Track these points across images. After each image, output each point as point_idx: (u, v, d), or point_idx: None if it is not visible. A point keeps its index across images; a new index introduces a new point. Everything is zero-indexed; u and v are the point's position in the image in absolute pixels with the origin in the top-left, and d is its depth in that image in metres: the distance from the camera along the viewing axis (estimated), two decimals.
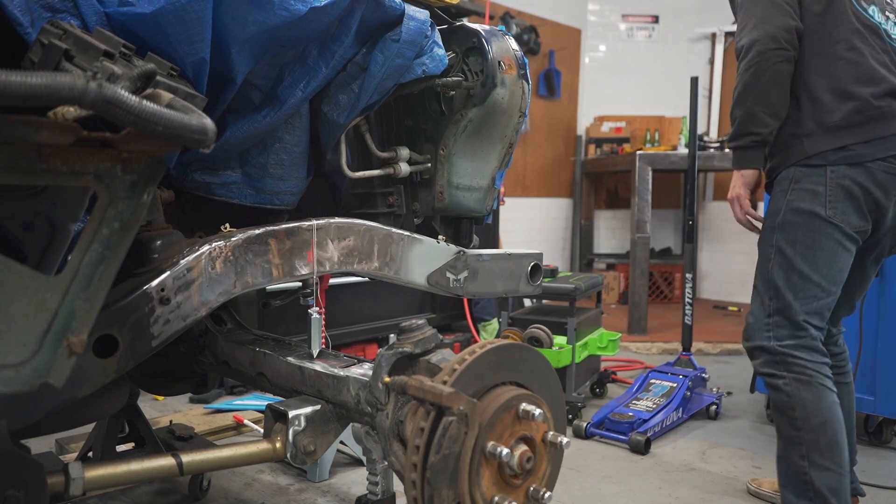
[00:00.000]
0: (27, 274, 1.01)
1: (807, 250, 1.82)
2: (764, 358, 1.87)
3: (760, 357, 1.88)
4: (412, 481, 1.07)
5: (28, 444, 1.31)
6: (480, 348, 1.13)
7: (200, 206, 1.62)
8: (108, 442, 2.04)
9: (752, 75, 1.82)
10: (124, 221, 1.06)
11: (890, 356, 2.75)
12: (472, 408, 1.06)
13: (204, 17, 1.27)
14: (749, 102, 1.85)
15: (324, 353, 1.52)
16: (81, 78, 0.86)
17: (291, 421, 1.32)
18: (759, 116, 1.84)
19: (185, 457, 1.32)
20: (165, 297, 1.25)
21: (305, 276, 1.49)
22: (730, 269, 6.61)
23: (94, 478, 1.21)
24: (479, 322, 4.34)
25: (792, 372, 1.81)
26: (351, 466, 2.55)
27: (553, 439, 1.15)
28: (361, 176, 1.79)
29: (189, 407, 3.17)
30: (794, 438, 1.80)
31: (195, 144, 1.01)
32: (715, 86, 6.82)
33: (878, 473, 2.59)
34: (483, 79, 1.73)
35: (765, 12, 1.81)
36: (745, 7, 1.87)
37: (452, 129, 1.79)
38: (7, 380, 1.01)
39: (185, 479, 2.25)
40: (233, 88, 1.43)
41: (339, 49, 1.55)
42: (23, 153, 0.96)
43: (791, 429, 1.81)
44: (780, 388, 1.82)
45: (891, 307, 2.75)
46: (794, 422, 1.80)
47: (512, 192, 5.98)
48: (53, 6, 1.20)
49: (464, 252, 1.76)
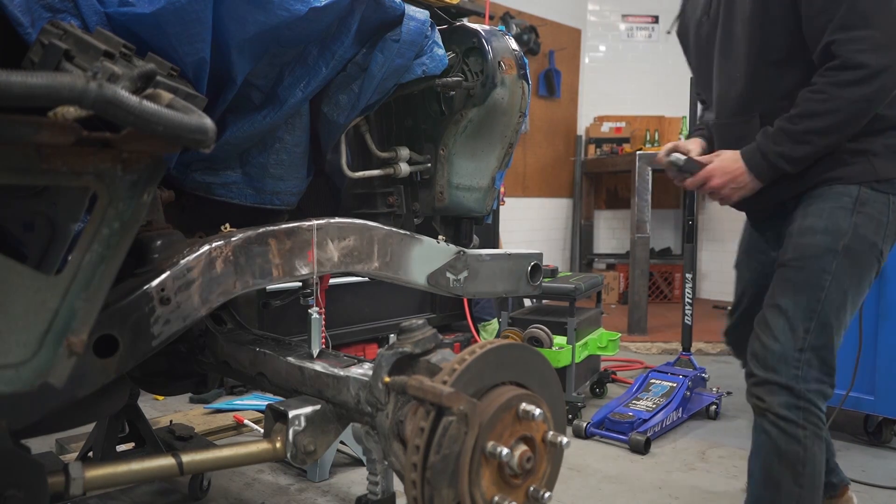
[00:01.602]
0: (27, 274, 1.01)
1: (861, 286, 1.56)
2: (786, 399, 1.52)
3: (781, 396, 1.52)
4: (412, 481, 1.07)
5: (28, 444, 1.31)
6: (480, 348, 1.13)
7: (200, 206, 1.63)
8: (108, 442, 2.04)
9: (864, 110, 1.46)
10: (124, 221, 1.06)
11: (889, 356, 2.75)
12: (472, 408, 1.06)
13: (204, 17, 1.27)
14: (843, 135, 1.50)
15: (324, 353, 1.52)
16: (81, 78, 0.86)
17: (291, 421, 1.32)
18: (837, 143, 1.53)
19: (185, 457, 1.32)
20: (165, 297, 1.25)
21: (305, 276, 1.49)
22: (730, 269, 6.58)
23: (94, 478, 1.21)
24: (479, 322, 4.34)
25: (811, 424, 1.52)
26: (351, 466, 2.55)
27: (553, 439, 1.15)
28: (361, 176, 1.79)
29: (189, 407, 3.17)
30: (793, 495, 1.54)
31: (195, 144, 1.01)
32: None
33: (879, 473, 2.59)
34: (483, 79, 1.73)
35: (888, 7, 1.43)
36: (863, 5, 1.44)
37: (452, 129, 1.80)
38: (7, 380, 1.01)
39: (185, 479, 2.25)
40: (233, 88, 1.43)
41: (339, 49, 1.55)
42: (23, 153, 0.96)
43: (794, 484, 1.53)
44: (798, 439, 1.52)
45: (890, 307, 2.75)
46: (800, 478, 1.53)
47: (512, 192, 5.98)
48: (54, 6, 1.20)
49: (464, 252, 1.76)
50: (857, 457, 2.76)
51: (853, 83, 1.43)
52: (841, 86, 1.44)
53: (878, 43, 1.40)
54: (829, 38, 1.44)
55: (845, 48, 1.43)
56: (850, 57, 1.42)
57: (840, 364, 1.59)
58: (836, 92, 1.44)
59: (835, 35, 1.43)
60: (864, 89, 1.43)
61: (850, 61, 1.42)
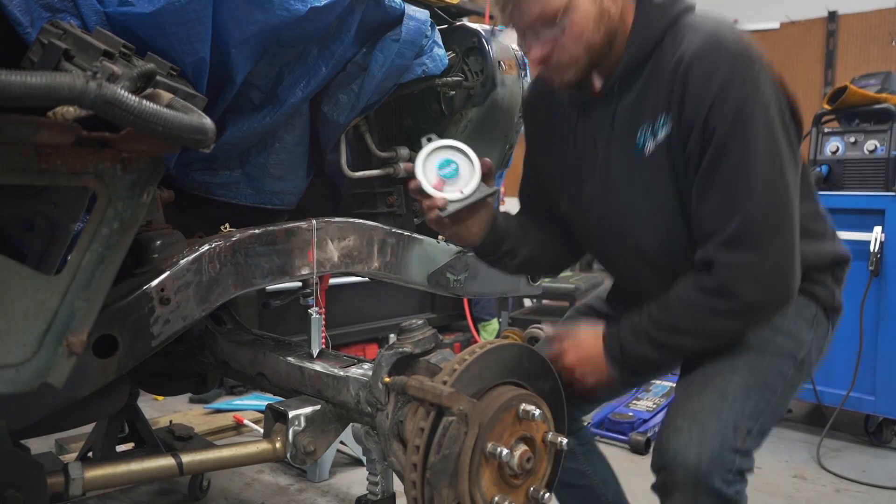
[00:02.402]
0: (27, 274, 1.01)
1: (785, 407, 1.37)
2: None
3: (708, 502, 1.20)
4: (412, 481, 1.07)
5: (28, 444, 1.31)
6: (480, 348, 1.13)
7: (200, 206, 1.62)
8: (107, 442, 2.04)
9: (729, 339, 1.28)
10: (124, 221, 1.06)
11: (890, 356, 2.75)
12: (472, 408, 1.06)
13: (204, 16, 1.27)
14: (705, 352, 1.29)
15: (324, 353, 1.52)
16: (81, 78, 0.86)
17: (291, 421, 1.32)
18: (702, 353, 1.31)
19: (184, 457, 1.32)
20: (165, 297, 1.25)
21: (305, 276, 1.49)
22: None
23: (93, 478, 1.21)
24: (479, 322, 4.33)
25: None
26: (351, 466, 2.54)
27: (553, 439, 1.15)
28: (361, 176, 1.79)
29: (189, 407, 3.17)
30: None
31: (195, 144, 1.01)
32: None
33: (879, 473, 2.58)
34: (483, 79, 1.73)
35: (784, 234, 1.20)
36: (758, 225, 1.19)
37: (452, 129, 1.80)
38: (7, 380, 1.01)
39: (185, 479, 2.25)
40: (233, 88, 1.43)
41: (339, 49, 1.55)
42: (23, 153, 0.96)
43: None
44: None
45: (890, 307, 2.75)
46: None
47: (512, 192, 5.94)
48: (53, 6, 1.20)
49: (464, 252, 1.76)
50: (857, 457, 2.76)
51: (725, 314, 1.22)
52: (712, 314, 1.23)
53: (761, 274, 1.20)
54: (713, 254, 1.21)
55: (726, 271, 1.20)
56: (727, 283, 1.20)
57: (840, 364, 1.57)
58: (704, 318, 1.24)
59: (718, 253, 1.20)
60: (734, 324, 1.25)
61: (726, 288, 1.20)
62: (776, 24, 6.50)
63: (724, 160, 1.17)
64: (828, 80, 6.24)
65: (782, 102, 1.21)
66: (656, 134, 1.24)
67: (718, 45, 1.17)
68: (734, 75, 1.15)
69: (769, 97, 1.17)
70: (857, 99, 3.03)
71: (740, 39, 1.19)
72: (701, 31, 1.20)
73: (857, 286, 2.77)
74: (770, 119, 1.17)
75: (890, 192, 2.77)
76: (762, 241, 1.19)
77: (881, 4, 6.02)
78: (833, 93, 3.11)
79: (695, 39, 1.19)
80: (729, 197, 1.18)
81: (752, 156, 1.16)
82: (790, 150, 1.21)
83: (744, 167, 1.16)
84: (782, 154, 1.19)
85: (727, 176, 1.17)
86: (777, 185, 1.19)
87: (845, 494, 2.43)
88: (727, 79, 1.15)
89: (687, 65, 1.17)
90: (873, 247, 2.71)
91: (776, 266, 1.21)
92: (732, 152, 1.16)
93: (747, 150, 1.16)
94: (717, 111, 1.15)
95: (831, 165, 2.99)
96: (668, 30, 1.23)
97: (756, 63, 1.17)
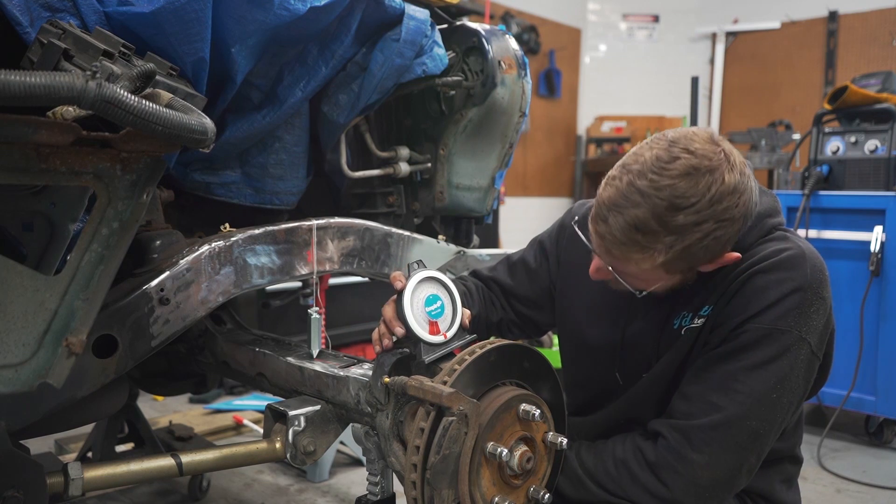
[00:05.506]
0: (27, 274, 1.01)
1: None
2: None
3: None
4: (412, 482, 1.07)
5: (28, 444, 1.31)
6: (480, 348, 1.13)
7: (200, 206, 1.62)
8: (107, 442, 2.04)
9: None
10: (124, 221, 1.05)
11: (890, 356, 2.75)
12: (472, 408, 1.05)
13: (203, 16, 1.27)
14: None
15: (324, 353, 1.52)
16: (80, 78, 0.86)
17: (291, 421, 1.32)
18: None
19: (184, 457, 1.31)
20: (165, 298, 1.25)
21: (305, 276, 1.49)
22: None
23: (93, 478, 1.21)
24: None
25: None
26: (351, 466, 2.54)
27: (553, 440, 1.15)
28: (361, 176, 1.79)
29: (189, 407, 3.17)
30: None
31: (195, 144, 1.01)
32: (715, 86, 6.82)
33: (879, 474, 2.59)
34: (483, 78, 1.73)
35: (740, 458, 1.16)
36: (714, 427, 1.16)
37: (452, 128, 1.79)
38: (6, 380, 1.01)
39: (185, 479, 2.25)
40: (232, 88, 1.43)
41: (339, 49, 1.55)
42: (22, 153, 0.96)
43: None
44: None
45: (891, 307, 2.75)
46: None
47: (512, 192, 5.97)
48: (53, 6, 1.20)
49: (464, 252, 1.76)
50: (858, 457, 2.76)
51: (645, 491, 1.19)
52: (634, 483, 1.20)
53: (698, 479, 1.16)
54: (668, 432, 1.19)
55: (669, 456, 1.17)
56: (663, 466, 1.18)
57: (841, 364, 1.57)
58: (628, 484, 1.21)
59: (673, 434, 1.18)
60: (651, 502, 1.20)
61: (660, 470, 1.18)
62: (777, 23, 6.51)
63: (737, 360, 1.16)
64: (828, 80, 6.24)
65: (824, 339, 1.20)
66: (695, 320, 1.23)
67: (794, 266, 1.17)
68: (792, 301, 1.15)
69: (813, 336, 1.16)
70: (858, 99, 3.03)
71: (816, 270, 1.18)
72: (786, 246, 1.19)
73: (858, 286, 2.77)
74: (798, 357, 1.16)
75: (890, 192, 2.77)
76: (719, 452, 1.15)
77: (882, 4, 6.02)
78: (834, 92, 3.11)
79: (776, 252, 1.18)
80: (718, 393, 1.16)
81: (762, 374, 1.15)
82: (801, 390, 1.19)
83: (748, 379, 1.15)
84: (790, 393, 1.17)
85: (731, 374, 1.16)
86: (765, 417, 1.16)
87: (846, 495, 2.43)
88: (784, 299, 1.15)
89: (755, 271, 1.17)
90: (874, 246, 2.71)
91: (716, 481, 1.17)
92: (748, 359, 1.16)
93: (761, 367, 1.15)
94: (758, 319, 1.15)
95: (832, 165, 2.98)
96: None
97: (820, 300, 1.17)
